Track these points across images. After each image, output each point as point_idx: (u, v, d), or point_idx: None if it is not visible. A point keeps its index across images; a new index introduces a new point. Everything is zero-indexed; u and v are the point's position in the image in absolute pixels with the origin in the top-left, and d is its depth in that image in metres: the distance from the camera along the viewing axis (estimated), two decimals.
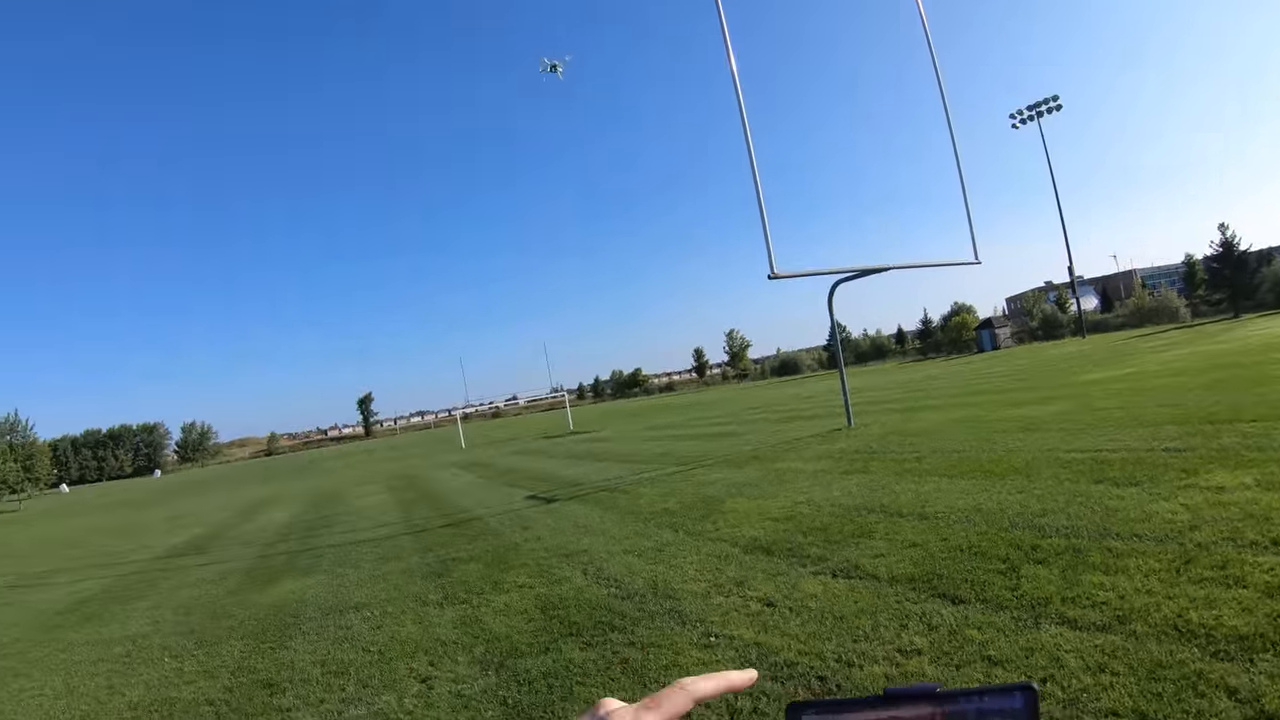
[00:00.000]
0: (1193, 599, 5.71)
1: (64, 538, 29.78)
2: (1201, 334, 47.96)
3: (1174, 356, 30.31)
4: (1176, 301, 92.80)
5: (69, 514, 49.81)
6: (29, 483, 76.39)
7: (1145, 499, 8.72)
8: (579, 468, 23.62)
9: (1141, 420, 14.31)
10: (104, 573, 17.44)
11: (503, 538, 13.10)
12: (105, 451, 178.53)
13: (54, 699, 8.20)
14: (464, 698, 6.28)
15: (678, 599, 7.95)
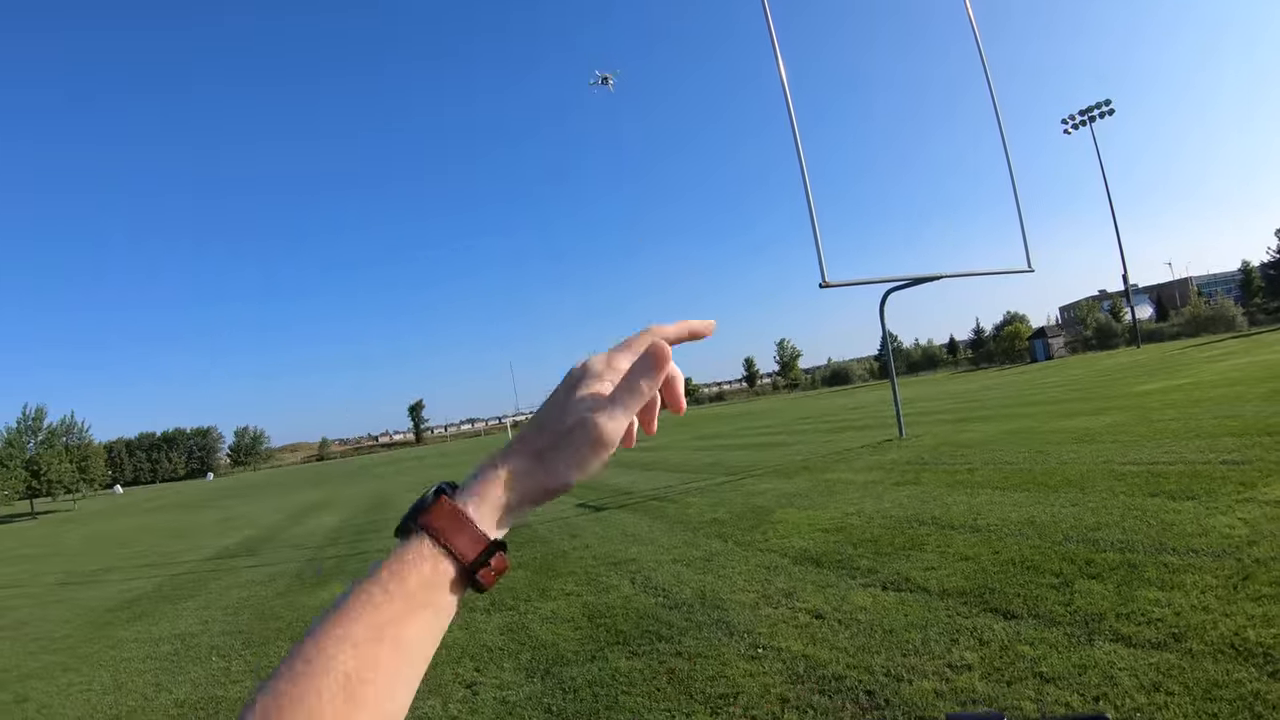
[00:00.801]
0: (1250, 616, 5.59)
1: (116, 537, 30.30)
2: (1259, 343, 47.07)
3: (1231, 366, 29.78)
4: (1233, 310, 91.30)
5: (122, 514, 50.69)
6: (84, 483, 77.51)
7: (1202, 513, 8.56)
8: (628, 476, 23.59)
9: (1198, 432, 14.06)
10: (155, 572, 17.75)
11: (551, 545, 13.13)
12: (159, 454, 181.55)
13: (101, 694, 8.35)
14: (509, 704, 6.29)
15: (725, 609, 7.92)
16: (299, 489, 50.56)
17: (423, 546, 0.76)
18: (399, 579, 0.73)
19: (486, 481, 0.80)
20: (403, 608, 0.72)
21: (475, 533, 0.77)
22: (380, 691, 0.68)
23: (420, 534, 0.76)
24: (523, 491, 0.81)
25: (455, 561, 0.76)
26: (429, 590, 0.74)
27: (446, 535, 0.76)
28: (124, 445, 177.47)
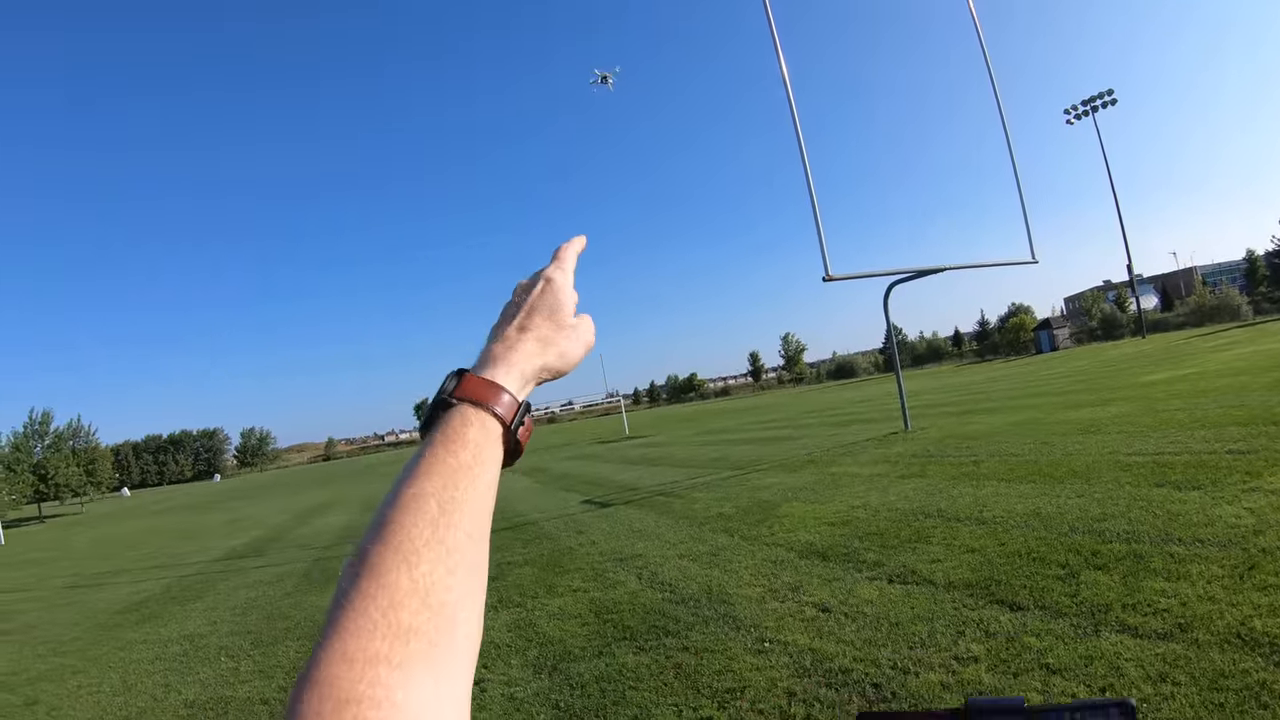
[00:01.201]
0: (1257, 606, 5.60)
1: (124, 540, 30.36)
2: (1263, 332, 46.97)
3: (1236, 356, 29.72)
4: (1238, 299, 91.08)
5: (129, 517, 50.77)
6: (91, 486, 77.63)
7: (1208, 503, 8.56)
8: (634, 472, 23.64)
9: (1204, 422, 14.05)
10: (163, 574, 17.79)
11: (557, 542, 13.16)
12: (166, 456, 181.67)
13: (111, 695, 8.38)
14: (516, 700, 6.31)
15: (732, 604, 7.94)
16: (306, 489, 50.61)
17: (466, 412, 0.84)
18: (458, 441, 0.80)
19: (505, 359, 0.92)
20: (469, 459, 0.79)
21: (509, 396, 0.87)
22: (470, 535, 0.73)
23: (460, 405, 0.84)
24: (538, 367, 0.94)
25: (499, 420, 0.85)
26: (481, 448, 0.81)
27: (487, 399, 0.85)
28: (131, 448, 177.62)
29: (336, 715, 0.55)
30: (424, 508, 0.71)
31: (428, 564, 0.67)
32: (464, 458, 0.78)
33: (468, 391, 0.85)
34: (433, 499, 0.72)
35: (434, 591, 0.66)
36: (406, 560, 0.66)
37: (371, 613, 0.62)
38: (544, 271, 1.03)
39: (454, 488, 0.75)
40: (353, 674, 0.58)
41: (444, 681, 0.63)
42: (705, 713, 5.54)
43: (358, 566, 0.66)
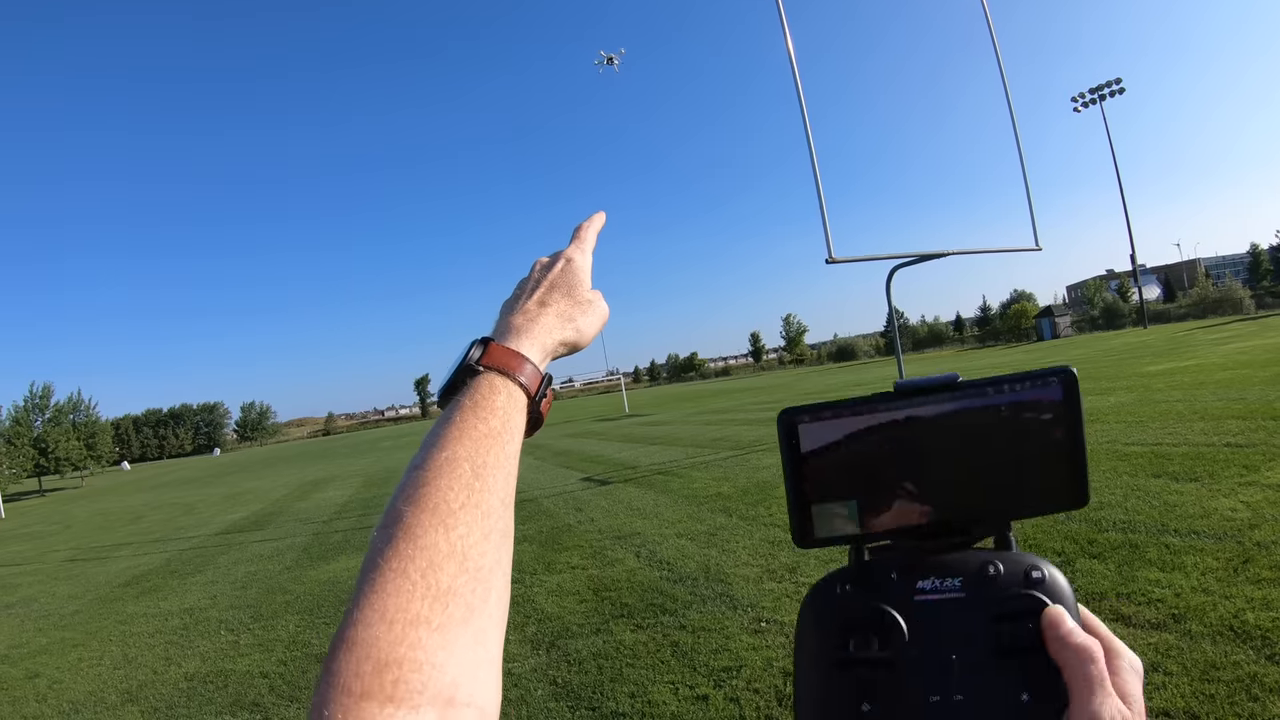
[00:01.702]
0: (1250, 599, 5.64)
1: (124, 513, 30.37)
2: (1266, 326, 46.87)
3: (1237, 349, 29.67)
4: (1241, 292, 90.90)
5: (130, 490, 50.80)
6: (91, 460, 77.68)
7: (1205, 495, 8.60)
8: (633, 450, 23.64)
9: (1203, 414, 14.06)
10: (163, 547, 17.86)
11: (556, 519, 13.21)
12: (166, 430, 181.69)
13: (111, 668, 8.44)
14: (514, 676, 6.37)
15: (729, 583, 7.99)
16: (305, 463, 50.60)
17: (494, 380, 0.86)
18: (487, 408, 0.81)
19: (527, 331, 0.94)
20: (498, 426, 0.81)
21: (532, 367, 0.89)
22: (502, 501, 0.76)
23: (487, 373, 0.86)
24: (557, 341, 0.96)
25: (524, 390, 0.87)
26: (509, 416, 0.83)
27: (513, 369, 0.87)
28: (131, 422, 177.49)
29: (378, 676, 0.56)
30: (458, 471, 0.73)
31: (464, 526, 0.68)
32: (493, 424, 0.80)
33: (494, 359, 0.87)
34: (466, 463, 0.74)
35: (470, 555, 0.67)
36: (444, 523, 0.67)
37: (411, 574, 0.63)
38: (564, 251, 1.06)
39: (485, 453, 0.76)
40: (393, 635, 0.59)
41: (481, 644, 0.65)
42: (701, 691, 5.59)
43: (393, 529, 0.67)
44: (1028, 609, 0.68)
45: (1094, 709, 0.61)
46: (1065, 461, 0.76)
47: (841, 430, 0.79)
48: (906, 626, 0.71)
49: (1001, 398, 0.75)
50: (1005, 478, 0.76)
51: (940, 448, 0.77)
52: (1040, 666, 0.65)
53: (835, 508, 0.79)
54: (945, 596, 0.72)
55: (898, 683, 0.69)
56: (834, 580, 0.77)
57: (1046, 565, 0.71)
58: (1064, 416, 0.75)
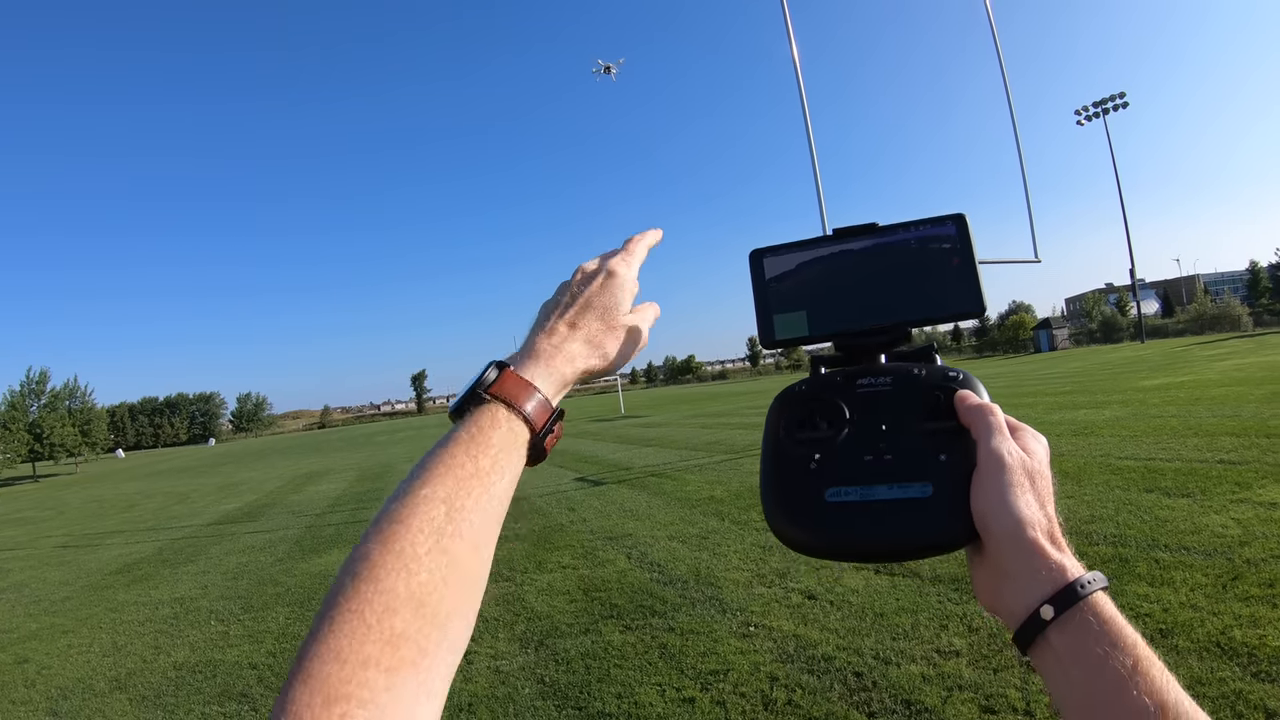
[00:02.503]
0: (1238, 617, 5.66)
1: (117, 501, 30.34)
2: (1263, 344, 46.95)
3: (1233, 366, 29.73)
4: (1239, 309, 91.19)
5: (123, 478, 50.72)
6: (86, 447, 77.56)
7: (1196, 511, 8.62)
8: (627, 452, 23.65)
9: (1197, 430, 14.08)
10: (155, 536, 17.84)
11: (549, 518, 13.22)
12: (161, 419, 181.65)
13: (101, 656, 8.44)
14: (502, 674, 6.38)
15: (719, 587, 8.00)
16: (300, 456, 50.57)
17: (497, 412, 0.84)
18: (481, 444, 0.81)
19: (547, 359, 0.93)
20: (486, 465, 0.80)
21: (543, 400, 0.88)
22: (472, 547, 0.75)
23: (493, 403, 0.85)
24: (579, 370, 0.96)
25: (528, 425, 0.86)
26: (506, 452, 0.83)
27: (519, 402, 0.85)
28: (126, 410, 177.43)
29: (326, 710, 0.59)
30: (431, 513, 0.73)
31: (426, 573, 0.69)
32: (483, 463, 0.79)
33: (503, 389, 0.86)
34: (442, 505, 0.74)
35: (429, 602, 0.69)
36: (407, 568, 0.69)
37: (367, 616, 0.65)
38: (610, 261, 1.03)
39: (466, 495, 0.76)
40: (344, 673, 0.61)
41: (426, 685, 0.67)
42: (689, 693, 5.60)
43: (358, 565, 0.69)
44: (945, 391, 0.88)
45: (993, 446, 0.78)
46: (963, 279, 0.97)
47: (794, 261, 1.05)
48: (848, 410, 0.92)
49: (910, 234, 0.99)
50: (916, 291, 0.98)
51: (866, 270, 1.01)
52: (954, 435, 0.85)
53: (790, 316, 1.04)
54: (879, 389, 0.93)
55: (840, 447, 0.89)
56: (795, 384, 0.99)
57: (965, 371, 0.91)
58: (959, 248, 0.98)
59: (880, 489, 0.83)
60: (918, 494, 0.82)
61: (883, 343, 1.01)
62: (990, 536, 0.75)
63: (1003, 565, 0.75)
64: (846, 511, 0.84)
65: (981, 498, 0.76)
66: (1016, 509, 0.74)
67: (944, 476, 0.82)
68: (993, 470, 0.76)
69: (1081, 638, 0.68)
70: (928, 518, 0.81)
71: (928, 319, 0.99)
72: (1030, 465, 0.78)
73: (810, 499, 0.86)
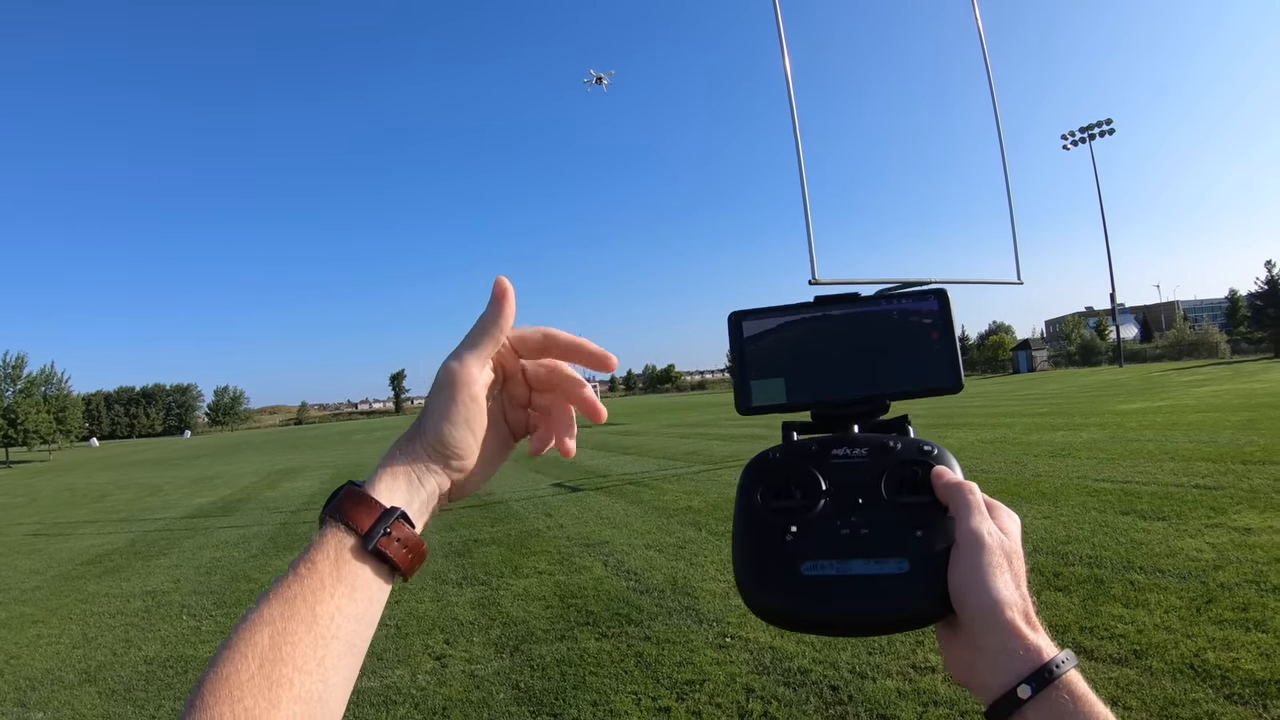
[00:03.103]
0: (1211, 639, 5.70)
1: (91, 490, 30.17)
2: (1240, 371, 47.36)
3: (1210, 392, 29.98)
4: (1217, 336, 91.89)
5: (97, 467, 50.44)
6: (60, 434, 77.12)
7: (1171, 534, 8.67)
8: (606, 459, 23.62)
9: (1174, 454, 14.19)
10: (128, 528, 17.72)
11: (526, 523, 13.18)
12: (137, 409, 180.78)
13: (70, 648, 8.36)
14: (477, 678, 6.36)
15: (696, 597, 8.00)
16: (276, 451, 50.38)
17: (327, 527, 0.81)
18: (307, 561, 0.78)
19: (383, 463, 0.86)
20: (314, 584, 0.77)
21: (371, 503, 0.82)
22: (299, 669, 0.73)
23: (328, 519, 0.81)
24: (411, 455, 0.86)
25: (354, 533, 0.80)
26: (337, 565, 0.79)
27: (345, 511, 0.81)
28: (102, 398, 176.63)
29: None
30: (256, 640, 0.72)
31: (250, 699, 0.69)
32: (310, 583, 0.77)
33: (338, 502, 0.82)
34: (267, 629, 0.73)
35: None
36: (231, 695, 0.69)
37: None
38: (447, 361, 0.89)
39: (290, 618, 0.75)
40: None
41: None
42: (664, 703, 5.59)
43: (194, 696, 0.69)
44: (920, 466, 0.89)
45: (973, 525, 0.79)
46: (942, 355, 0.98)
47: (774, 325, 1.04)
48: (824, 481, 0.92)
49: (892, 306, 1.00)
50: (896, 363, 0.99)
51: (847, 340, 1.01)
52: (930, 511, 0.85)
53: (768, 383, 1.03)
54: (854, 460, 0.93)
55: (816, 519, 0.89)
56: (769, 451, 0.99)
57: (939, 445, 0.92)
58: (939, 323, 0.98)
59: (857, 563, 0.84)
60: (894, 570, 0.83)
61: (860, 413, 1.02)
62: (967, 614, 0.78)
63: (978, 642, 0.77)
64: (823, 585, 0.85)
65: (960, 576, 0.78)
66: (995, 589, 0.76)
67: (920, 552, 0.83)
68: (972, 550, 0.79)
69: (1057, 714, 0.71)
70: (905, 593, 0.82)
71: (906, 392, 1.01)
72: (1008, 546, 0.80)
73: (786, 571, 0.87)
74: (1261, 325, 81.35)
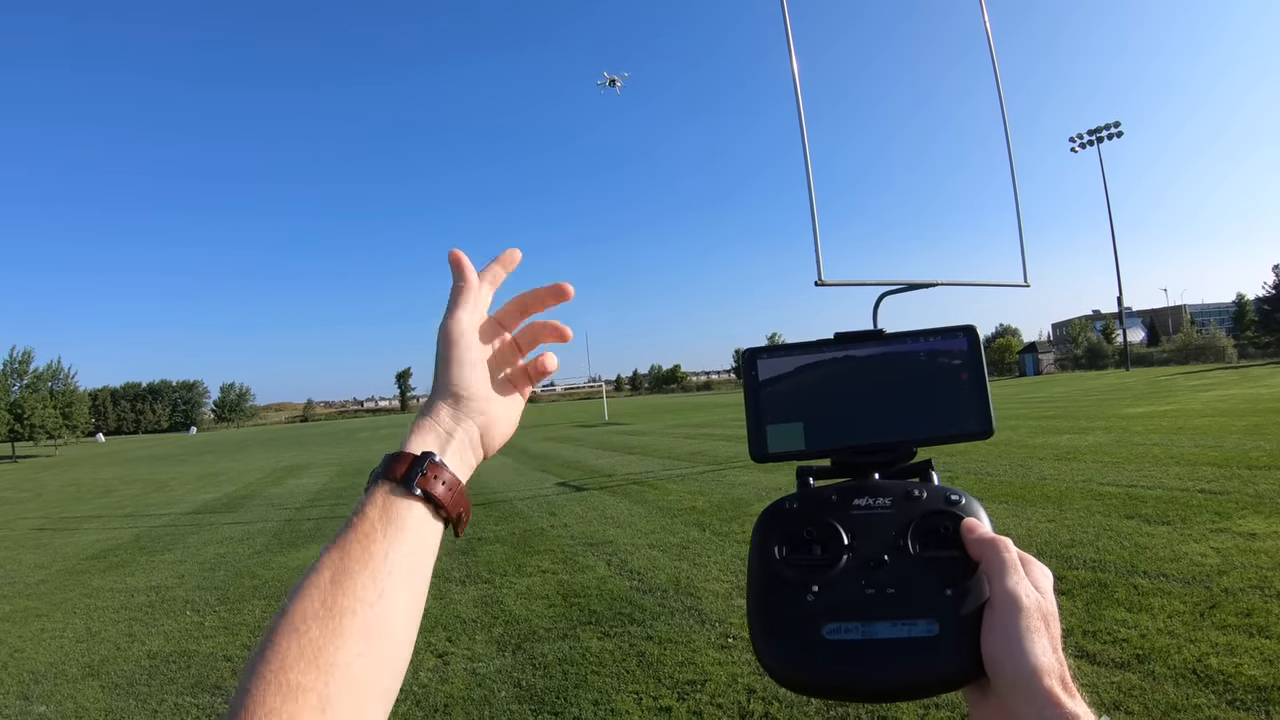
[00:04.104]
0: (1214, 644, 5.68)
1: (96, 485, 30.25)
2: (1247, 376, 47.27)
3: (1217, 397, 29.92)
4: (1224, 341, 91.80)
5: (103, 463, 50.56)
6: (66, 429, 77.35)
7: (1176, 539, 8.65)
8: (610, 459, 23.64)
9: (1179, 459, 14.16)
10: (133, 523, 17.76)
11: (530, 521, 13.19)
12: (143, 405, 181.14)
13: (74, 641, 8.38)
14: (479, 676, 6.36)
15: (699, 597, 7.99)
16: (281, 448, 50.49)
17: (374, 487, 0.89)
18: (359, 512, 0.86)
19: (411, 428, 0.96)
20: (366, 529, 0.84)
21: (405, 455, 0.90)
22: (361, 599, 0.79)
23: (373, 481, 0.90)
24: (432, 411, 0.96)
25: (394, 480, 0.88)
26: (385, 510, 0.86)
27: (385, 468, 0.89)
28: (109, 394, 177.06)
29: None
30: (318, 581, 0.79)
31: (315, 630, 0.75)
32: (363, 528, 0.84)
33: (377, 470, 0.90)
34: (328, 571, 0.80)
35: (323, 654, 0.74)
36: (295, 629, 0.75)
37: (265, 674, 0.71)
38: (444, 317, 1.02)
39: (347, 557, 0.81)
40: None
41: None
42: (665, 703, 5.59)
43: (265, 636, 0.76)
44: (948, 518, 0.82)
45: (1009, 586, 0.73)
46: (972, 398, 0.92)
47: (793, 365, 0.97)
48: (845, 535, 0.84)
49: (919, 345, 0.94)
50: (923, 407, 0.93)
51: (871, 382, 0.94)
52: (960, 567, 0.79)
53: (786, 428, 0.96)
54: (877, 511, 0.85)
55: (838, 577, 0.81)
56: (784, 500, 0.90)
57: (966, 493, 0.86)
58: (969, 363, 0.93)
59: (883, 626, 0.78)
60: (924, 632, 0.77)
61: (884, 461, 0.94)
62: (1003, 680, 0.72)
63: (1013, 709, 0.71)
64: (847, 650, 0.78)
65: (995, 641, 0.73)
66: (1033, 655, 0.71)
67: (951, 613, 0.77)
68: (1009, 612, 0.73)
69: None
70: (935, 658, 0.76)
71: (934, 438, 0.94)
72: (1045, 607, 0.75)
73: (808, 635, 0.80)
74: (1269, 329, 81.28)
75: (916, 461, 0.94)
